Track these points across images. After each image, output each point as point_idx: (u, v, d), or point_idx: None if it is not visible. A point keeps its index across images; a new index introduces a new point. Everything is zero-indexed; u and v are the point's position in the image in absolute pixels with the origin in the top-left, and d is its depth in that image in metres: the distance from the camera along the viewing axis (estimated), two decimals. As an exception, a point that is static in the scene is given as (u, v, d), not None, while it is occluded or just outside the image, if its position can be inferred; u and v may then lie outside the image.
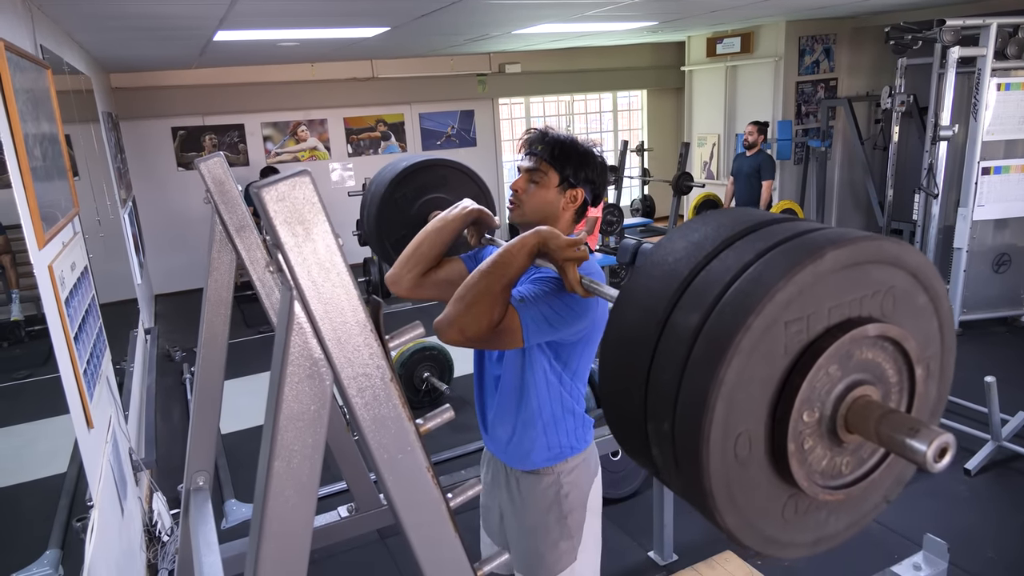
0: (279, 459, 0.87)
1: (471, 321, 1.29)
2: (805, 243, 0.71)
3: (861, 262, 0.71)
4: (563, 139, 1.60)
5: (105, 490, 2.14)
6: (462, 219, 1.64)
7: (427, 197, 1.97)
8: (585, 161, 1.60)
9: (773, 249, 0.71)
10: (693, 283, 0.74)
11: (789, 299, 0.67)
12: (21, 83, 2.10)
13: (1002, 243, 5.29)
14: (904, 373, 0.77)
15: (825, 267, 0.68)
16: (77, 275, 2.43)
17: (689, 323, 0.71)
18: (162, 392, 4.88)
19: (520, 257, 1.31)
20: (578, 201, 1.62)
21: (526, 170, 1.61)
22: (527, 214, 1.60)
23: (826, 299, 0.71)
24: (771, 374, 0.70)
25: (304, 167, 1.16)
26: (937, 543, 2.07)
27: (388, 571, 3.01)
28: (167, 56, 6.10)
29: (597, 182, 1.63)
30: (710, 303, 0.70)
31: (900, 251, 0.74)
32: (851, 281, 0.72)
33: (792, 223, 0.78)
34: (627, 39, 8.28)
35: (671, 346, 0.72)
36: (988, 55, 4.90)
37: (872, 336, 0.73)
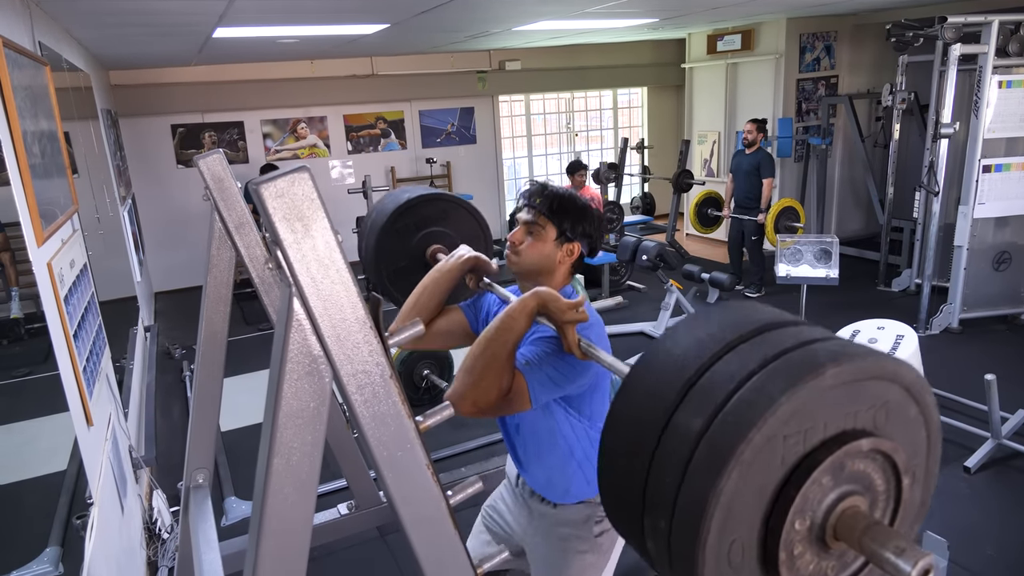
0: (278, 456, 0.87)
1: (482, 393, 1.33)
2: (807, 357, 0.73)
3: (860, 379, 0.74)
4: (561, 194, 1.64)
5: (105, 488, 2.14)
6: (460, 268, 1.68)
7: (427, 230, 1.99)
8: (582, 216, 1.63)
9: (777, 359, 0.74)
10: (698, 384, 0.76)
11: (790, 413, 0.70)
12: (19, 80, 2.09)
13: (1002, 241, 5.28)
14: (892, 482, 0.80)
15: (825, 383, 0.71)
16: (76, 273, 2.42)
17: (692, 427, 0.73)
18: (162, 390, 4.88)
19: (521, 321, 1.35)
20: (575, 255, 1.65)
21: (524, 223, 1.65)
22: (524, 265, 1.64)
23: (823, 413, 0.73)
24: (767, 484, 0.72)
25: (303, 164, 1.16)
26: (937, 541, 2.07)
27: (388, 568, 3.01)
28: (166, 53, 6.09)
29: (594, 236, 1.67)
30: (714, 409, 0.72)
31: (897, 368, 0.76)
32: (848, 396, 0.74)
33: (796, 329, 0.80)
34: (627, 36, 8.27)
35: (673, 447, 0.74)
36: (990, 52, 4.89)
37: (866, 450, 0.76)
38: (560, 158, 10.20)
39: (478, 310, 1.77)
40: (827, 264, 4.43)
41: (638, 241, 5.62)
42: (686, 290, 5.70)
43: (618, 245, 6.06)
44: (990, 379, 3.31)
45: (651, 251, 5.35)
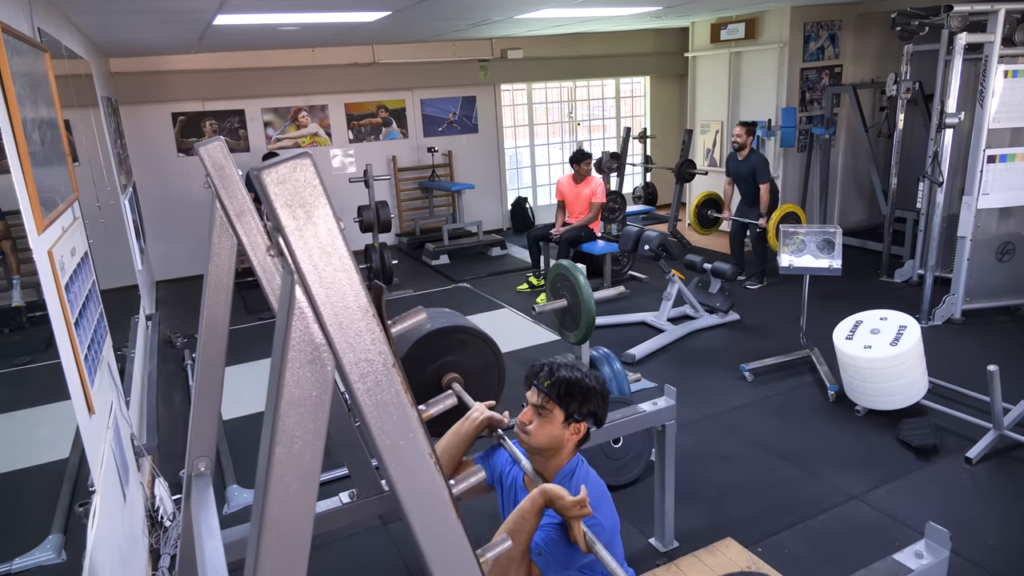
0: (280, 445, 0.86)
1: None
2: None
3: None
4: (568, 379, 1.71)
5: (107, 475, 2.14)
6: (476, 430, 1.82)
7: (442, 360, 2.05)
8: (588, 398, 1.72)
9: None
10: None
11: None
12: (19, 67, 2.07)
13: (1006, 232, 5.26)
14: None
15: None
16: (77, 260, 2.42)
17: None
18: (163, 378, 4.89)
19: (531, 520, 1.49)
20: (581, 433, 1.75)
21: (533, 405, 1.73)
22: (533, 444, 1.72)
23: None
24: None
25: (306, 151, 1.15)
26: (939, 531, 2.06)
27: (389, 556, 3.02)
28: (167, 40, 6.05)
29: (599, 413, 1.75)
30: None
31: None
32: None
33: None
34: (630, 25, 8.21)
35: None
36: (995, 41, 4.86)
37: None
38: (562, 147, 10.17)
39: (492, 466, 1.90)
40: (830, 255, 4.42)
41: (640, 231, 5.60)
42: (688, 280, 5.69)
43: (620, 235, 6.05)
44: (992, 370, 3.30)
45: (653, 241, 5.34)
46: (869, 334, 3.88)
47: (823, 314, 5.05)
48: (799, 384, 4.47)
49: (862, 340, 3.87)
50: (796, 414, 4.08)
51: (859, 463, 3.53)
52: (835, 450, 3.67)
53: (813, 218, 7.57)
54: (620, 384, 3.86)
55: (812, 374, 4.55)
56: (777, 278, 6.16)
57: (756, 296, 6.26)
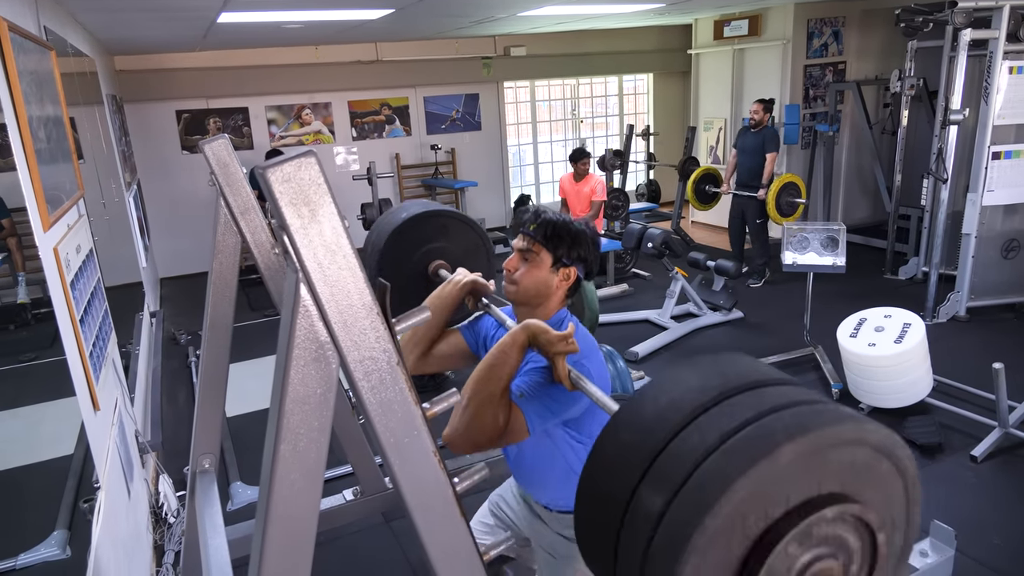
0: (285, 442, 0.87)
1: (480, 432, 1.34)
2: (764, 434, 0.73)
3: (820, 449, 0.73)
4: (555, 220, 1.64)
5: (112, 472, 2.15)
6: (459, 292, 1.70)
7: (427, 247, 1.98)
8: (577, 241, 1.64)
9: (735, 434, 0.74)
10: (659, 459, 0.77)
11: (746, 494, 0.70)
12: (25, 65, 2.08)
13: (1011, 228, 5.24)
14: (867, 539, 0.79)
15: (783, 460, 0.70)
16: (82, 258, 2.42)
17: (652, 507, 0.75)
18: (168, 375, 4.90)
19: (513, 356, 1.37)
20: (571, 280, 1.66)
21: (519, 250, 1.65)
22: (521, 293, 1.64)
23: (784, 487, 0.73)
24: (729, 559, 0.72)
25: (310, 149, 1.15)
26: (944, 530, 2.06)
27: (392, 554, 3.02)
28: (171, 38, 6.06)
29: (589, 259, 1.67)
30: (672, 488, 0.74)
31: (860, 432, 0.75)
32: (810, 467, 0.74)
33: (759, 393, 0.80)
34: (633, 22, 8.20)
35: (636, 524, 0.76)
36: (1000, 37, 4.84)
37: (831, 518, 0.75)
38: (565, 145, 10.15)
39: (477, 332, 1.81)
40: (834, 252, 4.41)
41: (643, 228, 5.59)
42: (691, 278, 5.68)
43: (623, 232, 6.04)
44: (998, 367, 3.29)
45: (656, 239, 5.33)
46: (873, 332, 3.87)
47: (827, 312, 5.04)
48: (803, 382, 4.41)
49: (866, 338, 3.86)
50: (800, 412, 4.07)
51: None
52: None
53: (817, 215, 7.56)
54: (624, 382, 3.86)
55: (816, 372, 4.54)
56: (780, 276, 6.14)
57: (759, 294, 6.25)
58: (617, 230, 7.27)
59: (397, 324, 0.96)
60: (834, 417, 0.75)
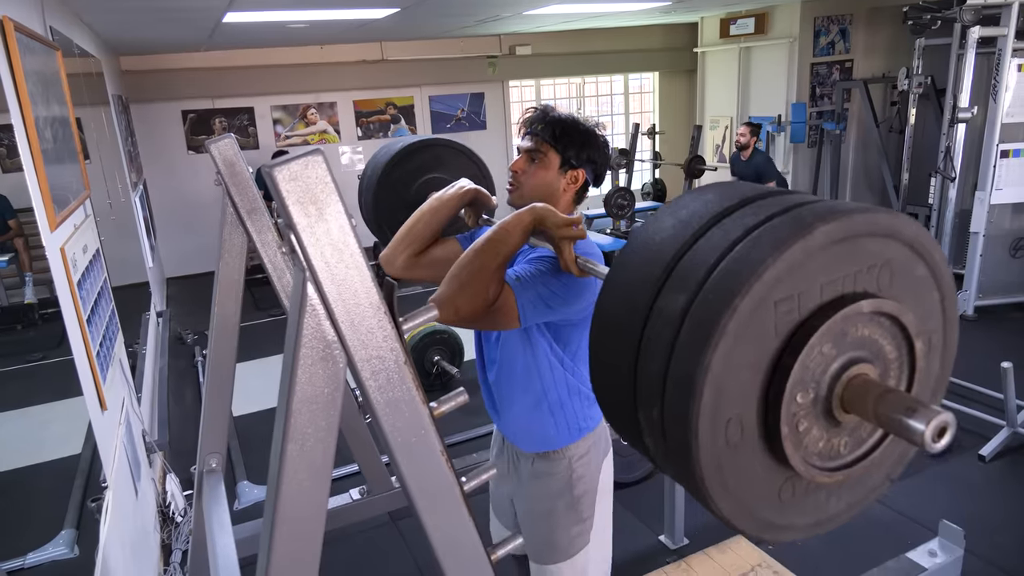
0: (293, 442, 0.87)
1: (466, 300, 1.25)
2: (794, 218, 0.68)
3: (853, 236, 0.68)
4: (564, 119, 1.57)
5: (119, 471, 2.16)
6: (459, 199, 1.60)
7: (425, 178, 1.92)
8: (587, 141, 1.56)
9: (761, 225, 0.69)
10: (680, 264, 0.72)
11: (777, 278, 0.64)
12: (31, 65, 2.08)
13: (1019, 227, 5.21)
14: (903, 349, 0.75)
15: (815, 243, 0.65)
16: (89, 258, 2.43)
17: (675, 306, 0.69)
18: (174, 375, 4.91)
19: (515, 234, 1.28)
20: (579, 182, 1.58)
21: (526, 150, 1.58)
22: (526, 196, 1.55)
23: (817, 276, 0.68)
24: (761, 356, 0.67)
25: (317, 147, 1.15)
26: (953, 529, 2.05)
27: (399, 553, 3.02)
28: (176, 39, 6.07)
29: (599, 162, 1.59)
30: (696, 284, 0.68)
31: (894, 222, 0.70)
32: (843, 256, 0.69)
33: (783, 196, 0.75)
34: (639, 20, 8.18)
35: (658, 331, 0.70)
36: (1009, 35, 4.81)
37: (867, 312, 0.70)
38: (571, 144, 10.15)
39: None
40: (841, 251, 4.39)
41: (649, 227, 5.58)
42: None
43: (629, 231, 6.03)
44: (1007, 367, 3.27)
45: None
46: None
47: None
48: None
49: (873, 337, 3.84)
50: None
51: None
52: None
53: (823, 214, 7.52)
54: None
55: (823, 371, 4.52)
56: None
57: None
58: (623, 229, 7.26)
59: (404, 323, 0.96)
60: (867, 207, 0.69)
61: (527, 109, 1.63)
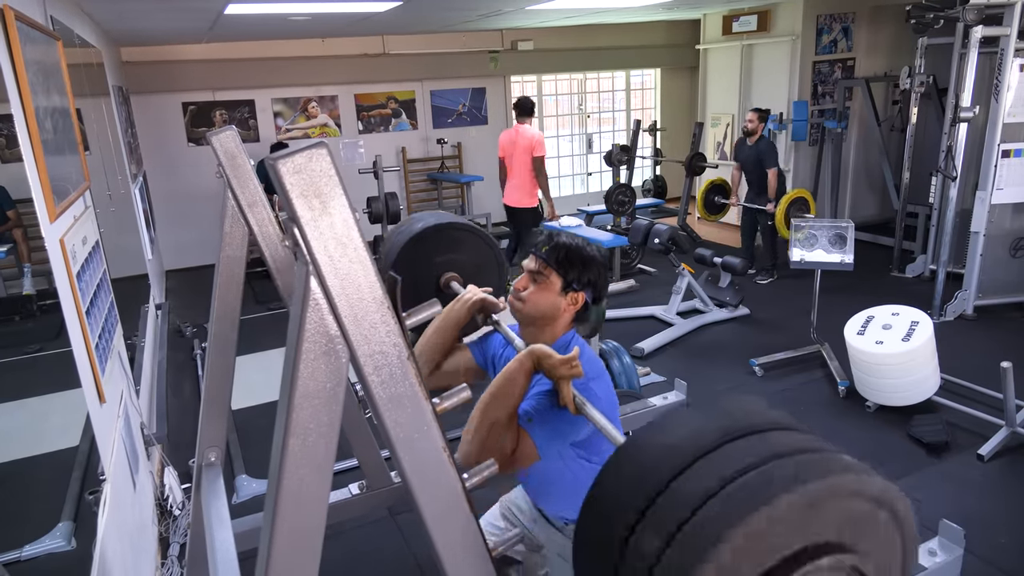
0: (294, 437, 0.86)
1: (487, 455, 1.34)
2: (763, 481, 0.73)
3: (819, 501, 0.73)
4: (568, 245, 1.66)
5: (117, 464, 2.15)
6: (469, 310, 1.74)
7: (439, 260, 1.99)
8: (588, 266, 1.66)
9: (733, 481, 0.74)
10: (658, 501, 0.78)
11: (743, 542, 0.70)
12: (32, 54, 2.07)
13: (1020, 227, 5.21)
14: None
15: (778, 513, 0.70)
16: (88, 249, 2.42)
17: (649, 550, 0.75)
18: (173, 368, 4.91)
19: (519, 381, 1.39)
20: (578, 304, 1.67)
21: (529, 271, 1.67)
22: (528, 312, 1.65)
23: (781, 536, 0.72)
24: None
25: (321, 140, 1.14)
26: (953, 529, 2.05)
27: (398, 548, 3.02)
28: (177, 30, 6.05)
29: (598, 284, 1.68)
30: (667, 535, 0.74)
31: (858, 485, 0.76)
32: (807, 517, 0.74)
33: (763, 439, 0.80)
34: (642, 16, 8.15)
35: (634, 563, 0.76)
36: (1012, 35, 4.79)
37: (826, 567, 0.75)
38: (572, 140, 10.12)
39: (485, 349, 1.83)
40: (842, 249, 4.38)
41: (650, 224, 5.57)
42: (698, 274, 5.66)
43: (630, 228, 6.02)
44: (1006, 367, 3.27)
45: (663, 234, 5.31)
46: (881, 329, 3.85)
47: (834, 309, 5.02)
48: (809, 379, 4.44)
49: (874, 335, 3.84)
50: (806, 409, 4.05)
51: (870, 459, 3.44)
52: (845, 446, 3.58)
53: (824, 212, 7.51)
54: (630, 378, 3.85)
55: (822, 369, 4.52)
56: (787, 272, 6.11)
57: (766, 290, 6.23)
58: (623, 226, 7.25)
59: (408, 318, 0.95)
60: (835, 468, 0.75)
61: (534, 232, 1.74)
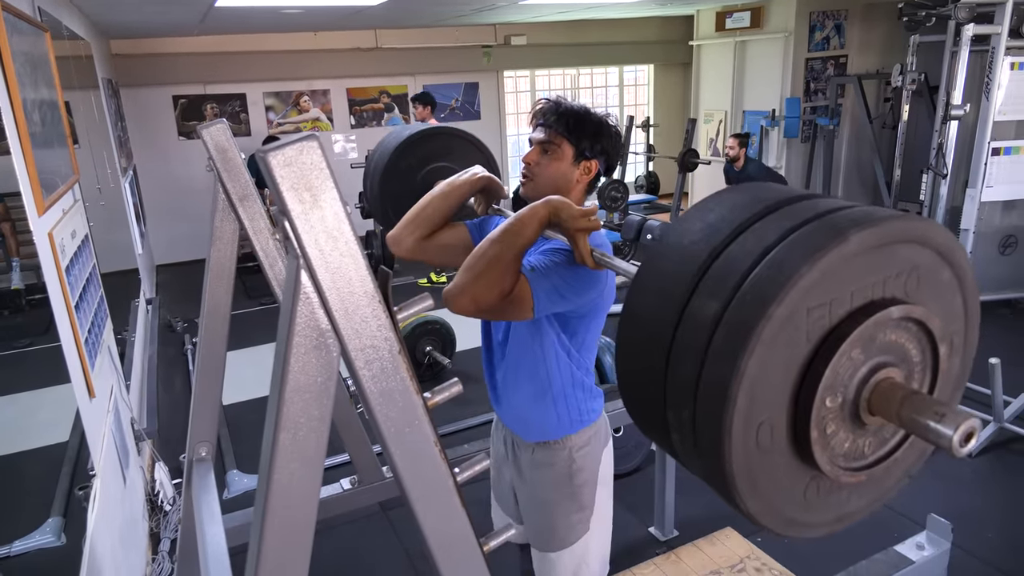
0: (285, 431, 0.85)
1: (482, 290, 1.27)
2: (829, 225, 0.68)
3: (886, 243, 0.69)
4: (577, 110, 1.56)
5: (107, 459, 2.14)
6: (471, 185, 1.61)
7: (432, 166, 1.92)
8: (600, 131, 1.57)
9: (796, 231, 0.69)
10: (712, 268, 0.72)
11: (811, 285, 0.65)
12: (19, 46, 2.05)
13: (1009, 225, 5.24)
14: (928, 352, 0.76)
15: (849, 250, 0.66)
16: (78, 243, 2.40)
17: (708, 311, 0.69)
18: (164, 362, 4.88)
19: (531, 226, 1.29)
20: (592, 173, 1.59)
21: (538, 142, 1.57)
22: (540, 188, 1.55)
23: (849, 282, 0.68)
24: (792, 361, 0.68)
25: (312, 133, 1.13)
26: (940, 523, 2.07)
27: (389, 543, 3.02)
28: (168, 22, 6.00)
29: (611, 152, 1.59)
30: (730, 290, 0.68)
31: (927, 230, 0.71)
32: (875, 263, 0.69)
33: (815, 201, 0.75)
34: (635, 12, 8.15)
35: (690, 335, 0.71)
36: (1003, 33, 4.81)
37: (896, 319, 0.71)
38: (564, 135, 10.12)
39: (484, 231, 1.69)
40: (833, 246, 4.40)
41: (643, 220, 5.58)
42: (690, 270, 5.67)
43: (623, 224, 6.03)
44: (994, 363, 3.29)
45: (656, 230, 5.31)
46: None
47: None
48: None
49: (864, 332, 3.86)
50: (796, 405, 4.08)
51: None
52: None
53: (815, 209, 7.54)
54: (621, 373, 3.85)
55: (813, 365, 4.54)
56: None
57: (757, 287, 6.25)
58: (616, 222, 7.26)
59: (399, 312, 0.95)
60: (899, 214, 0.70)
61: (538, 100, 1.63)
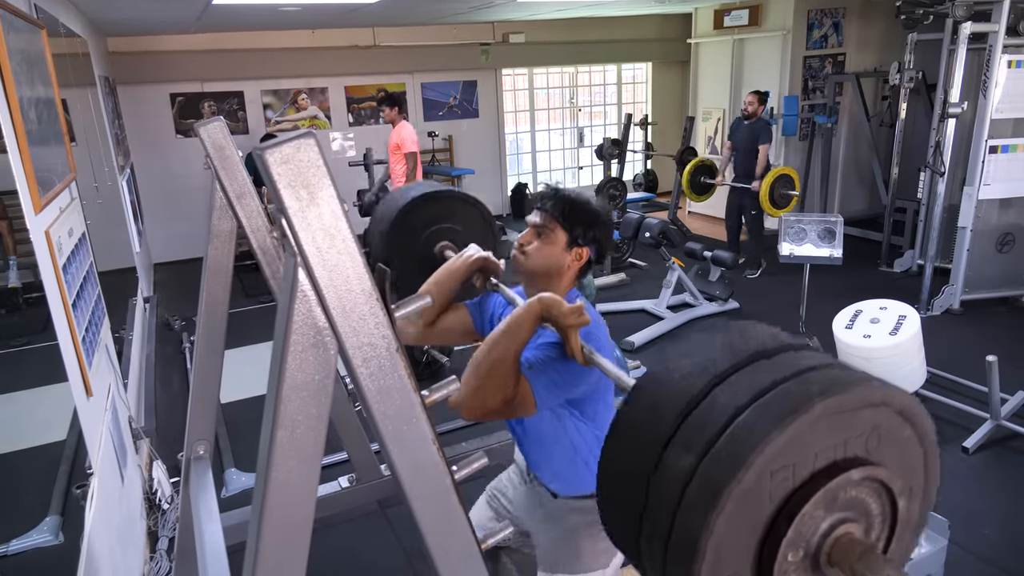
0: (282, 429, 0.85)
1: (487, 396, 1.33)
2: (798, 390, 0.73)
3: (850, 409, 0.74)
4: (574, 198, 1.62)
5: (105, 458, 2.14)
6: (468, 268, 1.68)
7: (435, 228, 1.97)
8: (594, 221, 1.62)
9: (767, 392, 0.74)
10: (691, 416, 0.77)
11: (778, 450, 0.70)
12: (15, 43, 2.05)
13: (1007, 222, 5.25)
14: (887, 505, 0.80)
15: (813, 417, 0.71)
16: (75, 241, 2.40)
17: (684, 463, 0.74)
18: (161, 361, 4.88)
19: (526, 326, 1.35)
20: (583, 260, 1.64)
21: (534, 226, 1.63)
22: (531, 268, 1.62)
23: (813, 446, 0.73)
24: (758, 519, 0.73)
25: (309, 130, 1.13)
26: (937, 520, 2.07)
27: (387, 541, 3.02)
28: (165, 19, 5.99)
29: (603, 241, 1.65)
30: (704, 446, 0.74)
31: (887, 394, 0.76)
32: (838, 426, 0.74)
33: (786, 358, 0.80)
34: (633, 10, 8.15)
35: (668, 480, 0.76)
36: (1000, 31, 4.82)
37: (856, 480, 0.76)
38: (563, 133, 10.12)
39: (484, 310, 1.78)
40: (831, 244, 4.41)
41: (641, 218, 5.58)
42: (688, 268, 5.68)
43: (621, 222, 6.03)
44: (991, 360, 3.30)
45: (654, 229, 5.32)
46: (869, 323, 3.87)
47: (823, 303, 5.04)
48: (797, 373, 4.46)
49: (862, 329, 3.86)
50: (794, 403, 4.08)
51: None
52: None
53: (814, 207, 7.55)
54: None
55: (810, 363, 4.55)
56: (777, 266, 6.14)
57: (755, 285, 6.25)
58: (614, 220, 7.26)
59: (396, 310, 0.95)
60: (863, 378, 0.75)
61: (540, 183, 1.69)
